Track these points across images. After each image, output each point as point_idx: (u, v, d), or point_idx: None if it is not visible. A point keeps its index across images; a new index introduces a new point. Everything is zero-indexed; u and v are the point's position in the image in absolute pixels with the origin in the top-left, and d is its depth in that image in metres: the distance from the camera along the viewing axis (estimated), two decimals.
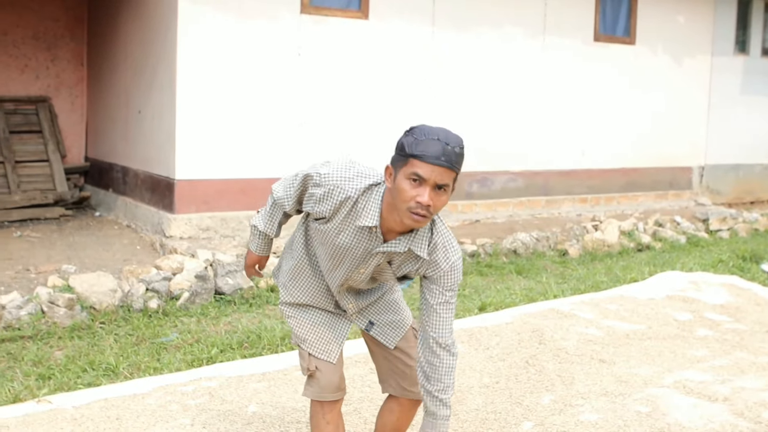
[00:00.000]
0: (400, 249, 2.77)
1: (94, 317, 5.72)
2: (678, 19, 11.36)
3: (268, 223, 3.11)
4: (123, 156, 9.03)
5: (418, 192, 2.57)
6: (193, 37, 7.47)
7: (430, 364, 2.86)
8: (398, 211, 2.65)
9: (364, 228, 2.77)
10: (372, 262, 2.83)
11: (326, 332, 3.07)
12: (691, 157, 11.80)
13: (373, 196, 2.76)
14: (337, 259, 2.88)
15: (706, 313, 6.23)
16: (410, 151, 2.58)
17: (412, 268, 2.86)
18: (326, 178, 2.78)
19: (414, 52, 8.74)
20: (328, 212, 2.78)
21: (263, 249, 3.19)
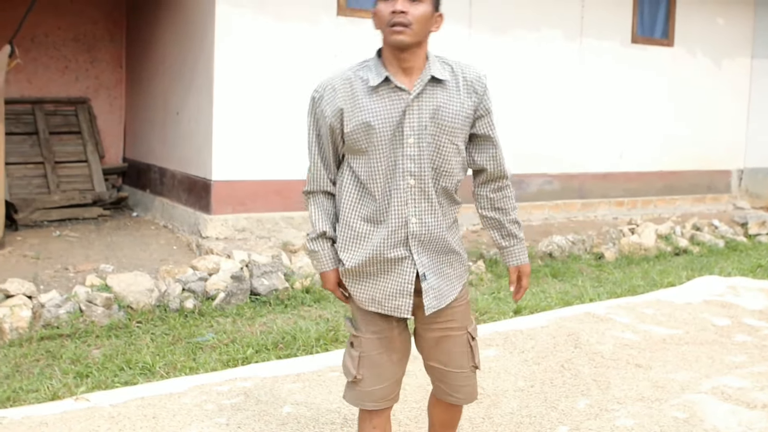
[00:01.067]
0: (424, 81, 2.71)
1: (131, 316, 5.77)
2: (717, 21, 11.24)
3: (318, 221, 2.88)
4: (160, 157, 9.11)
5: (390, 5, 2.63)
6: (230, 39, 7.52)
7: (503, 197, 2.98)
8: (384, 39, 2.69)
9: (380, 90, 2.71)
10: (412, 122, 2.70)
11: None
12: (729, 160, 11.66)
13: (370, 61, 2.80)
14: (381, 149, 2.71)
15: (745, 318, 6.16)
16: None
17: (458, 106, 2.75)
18: (322, 85, 2.81)
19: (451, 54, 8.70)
20: (340, 99, 2.73)
21: (330, 260, 2.89)
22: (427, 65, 2.74)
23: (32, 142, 9.51)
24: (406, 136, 2.70)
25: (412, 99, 2.69)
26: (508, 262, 3.02)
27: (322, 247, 2.86)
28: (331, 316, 5.99)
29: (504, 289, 6.97)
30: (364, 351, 2.86)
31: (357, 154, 2.75)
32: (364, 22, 8.20)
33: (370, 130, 2.70)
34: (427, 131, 2.70)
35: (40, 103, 9.82)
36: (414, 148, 2.71)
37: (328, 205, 2.89)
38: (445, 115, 2.73)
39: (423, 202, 2.75)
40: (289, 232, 7.78)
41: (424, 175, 2.73)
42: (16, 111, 9.49)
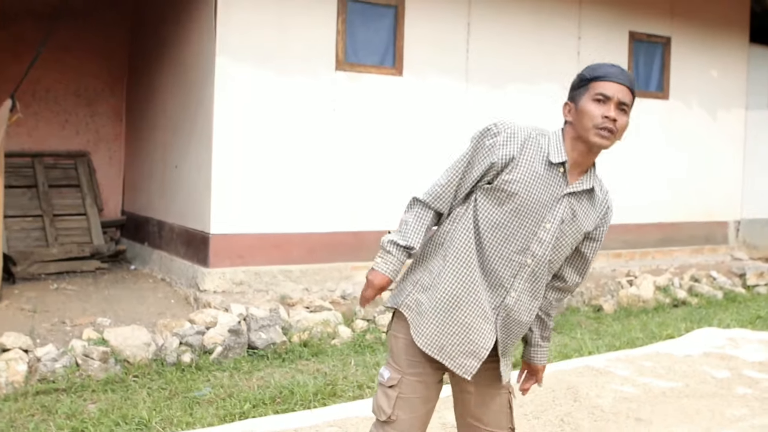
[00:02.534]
0: (585, 186, 2.79)
1: (128, 370, 5.74)
2: (711, 73, 11.36)
3: (410, 233, 2.84)
4: (159, 210, 9.13)
5: (603, 110, 2.70)
6: (229, 93, 7.59)
7: (558, 306, 3.05)
8: (583, 135, 2.73)
9: (550, 167, 2.75)
10: (558, 211, 2.75)
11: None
12: (726, 211, 11.69)
13: (555, 135, 2.82)
14: (520, 216, 2.74)
15: (745, 370, 6.13)
16: (591, 75, 2.75)
17: (590, 221, 2.84)
18: (504, 125, 2.80)
19: (448, 108, 8.80)
20: (516, 149, 2.74)
21: (396, 270, 2.85)
22: (591, 171, 2.84)
23: (31, 195, 9.54)
24: (546, 221, 2.75)
25: (567, 192, 2.77)
26: (536, 360, 3.10)
27: (397, 255, 2.83)
28: (329, 370, 5.96)
29: None
30: (403, 392, 2.83)
31: (495, 204, 2.76)
32: (362, 77, 8.28)
33: (525, 199, 2.73)
34: (564, 228, 2.78)
35: (40, 156, 9.87)
36: (548, 234, 2.75)
37: (429, 223, 2.86)
38: (582, 222, 2.82)
39: (528, 283, 2.78)
40: (287, 285, 7.77)
41: (542, 262, 2.78)
42: (16, 164, 9.54)
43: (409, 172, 8.52)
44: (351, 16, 8.20)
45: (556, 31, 9.71)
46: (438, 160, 8.51)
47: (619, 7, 10.28)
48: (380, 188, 8.41)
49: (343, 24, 8.13)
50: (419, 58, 8.63)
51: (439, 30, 8.77)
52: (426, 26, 8.65)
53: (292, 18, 7.87)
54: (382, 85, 8.43)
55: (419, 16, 8.60)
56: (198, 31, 7.99)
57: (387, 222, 8.35)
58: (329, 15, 8.06)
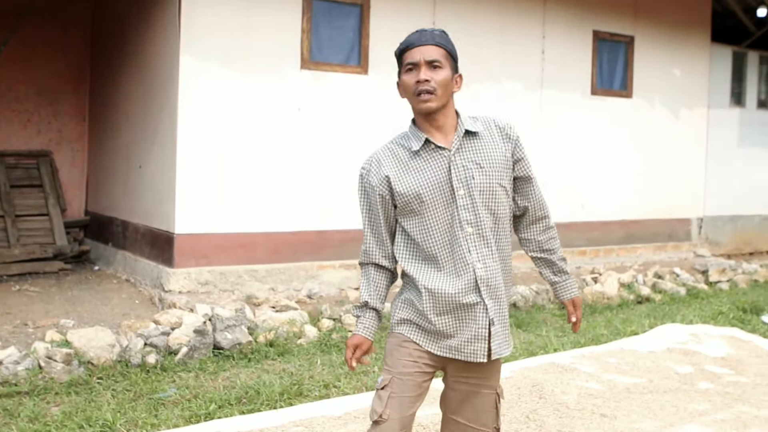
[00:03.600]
0: (460, 135, 2.87)
1: (92, 372, 5.68)
2: (674, 72, 11.49)
3: (366, 292, 3.02)
4: (123, 210, 9.06)
5: (414, 76, 2.83)
6: (194, 92, 7.54)
7: (549, 238, 3.14)
8: (414, 108, 2.88)
9: (422, 153, 2.87)
10: (459, 174, 2.84)
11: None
12: (689, 208, 11.83)
13: (407, 130, 2.96)
14: (435, 206, 2.85)
15: (707, 365, 6.20)
16: (398, 51, 2.90)
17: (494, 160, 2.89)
18: (366, 161, 3.01)
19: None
20: (385, 167, 2.90)
21: (367, 328, 3.01)
22: (459, 122, 2.91)
23: None
24: (455, 189, 2.83)
25: (453, 154, 2.85)
26: (562, 297, 3.16)
27: (363, 315, 3.00)
28: (295, 369, 5.95)
29: None
30: (394, 391, 2.89)
31: (410, 216, 2.89)
32: (328, 76, 8.27)
33: (420, 191, 2.84)
34: (475, 180, 2.85)
35: (2, 156, 9.75)
36: (466, 198, 2.84)
37: (377, 277, 3.01)
38: (488, 160, 2.89)
39: (483, 247, 2.86)
40: (253, 285, 7.74)
41: (481, 222, 2.85)
42: None
43: None
44: (316, 14, 8.18)
45: (520, 30, 9.76)
46: None
47: (583, 6, 10.35)
48: (346, 187, 8.40)
49: (308, 23, 8.11)
50: (385, 56, 8.62)
51: (405, 29, 8.70)
52: (391, 25, 8.65)
53: (257, 17, 7.83)
54: (348, 84, 8.42)
55: (384, 15, 8.60)
56: (162, 30, 7.93)
57: (353, 221, 8.36)
58: (294, 14, 8.04)
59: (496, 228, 2.91)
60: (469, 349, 2.85)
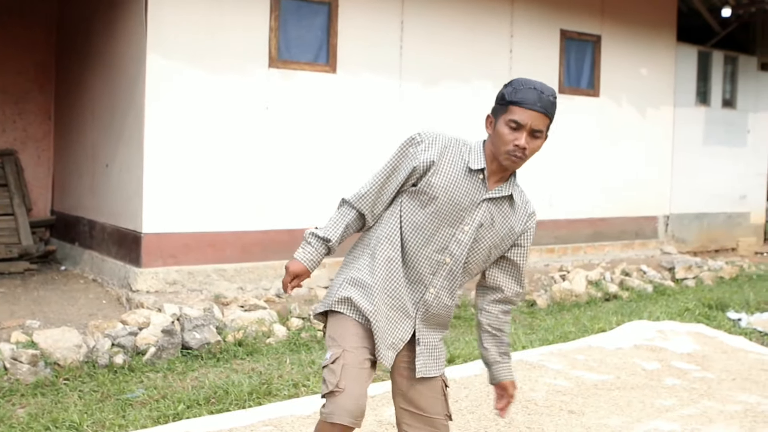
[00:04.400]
0: (504, 193, 2.94)
1: (59, 373, 5.63)
2: (640, 71, 11.59)
3: (331, 228, 3.03)
4: (90, 209, 8.97)
5: (516, 136, 2.83)
6: (161, 90, 7.49)
7: (507, 320, 3.14)
8: (497, 154, 2.89)
9: (470, 173, 2.92)
10: (477, 215, 2.92)
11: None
12: (656, 206, 11.94)
13: (475, 145, 2.99)
14: (440, 217, 2.91)
15: (674, 362, 6.26)
16: (509, 99, 2.86)
17: (509, 228, 2.99)
18: (426, 134, 2.98)
19: (382, 105, 8.82)
20: (436, 154, 2.91)
21: (312, 260, 3.03)
22: (511, 180, 2.99)
23: None
24: (464, 223, 2.91)
25: (486, 198, 2.92)
26: (503, 377, 3.15)
27: (316, 247, 3.01)
28: (264, 369, 5.93)
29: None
30: (347, 362, 2.85)
31: (416, 203, 2.94)
32: (296, 74, 8.25)
33: (441, 196, 2.90)
34: (481, 230, 2.93)
35: None
36: (466, 235, 2.92)
37: (352, 223, 3.03)
38: (502, 228, 2.98)
39: (445, 281, 2.95)
40: (221, 284, 7.71)
41: (459, 262, 2.94)
42: None
43: (344, 169, 8.52)
44: (284, 13, 8.16)
45: (488, 29, 9.80)
46: (372, 156, 8.54)
47: (551, 5, 10.41)
48: (315, 186, 8.39)
49: (276, 21, 8.08)
50: (353, 55, 8.63)
51: (373, 28, 8.79)
52: (360, 24, 8.65)
53: (225, 15, 7.80)
54: (316, 83, 8.40)
55: (353, 13, 8.60)
56: (129, 28, 7.87)
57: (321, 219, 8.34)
58: (262, 12, 8.01)
59: (463, 277, 3.00)
60: (383, 352, 2.90)
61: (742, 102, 13.53)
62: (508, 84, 2.92)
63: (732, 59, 13.32)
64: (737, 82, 13.44)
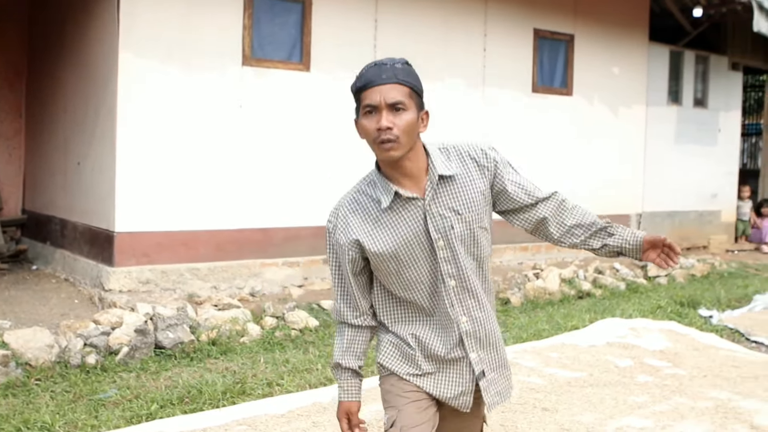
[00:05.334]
0: (434, 183, 2.55)
1: (30, 374, 5.58)
2: (613, 70, 11.66)
3: (342, 354, 2.75)
4: (61, 208, 8.90)
5: (375, 120, 2.46)
6: (133, 88, 7.44)
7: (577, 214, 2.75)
8: (376, 155, 2.53)
9: (394, 207, 2.56)
10: (436, 225, 2.55)
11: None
12: (629, 204, 12.02)
13: (373, 176, 2.63)
14: (410, 262, 2.59)
15: (646, 359, 6.31)
16: (355, 88, 2.53)
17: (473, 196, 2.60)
18: (332, 213, 2.68)
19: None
20: (358, 229, 2.60)
21: (351, 391, 2.76)
22: (430, 163, 2.59)
23: None
24: (434, 240, 2.56)
25: (427, 203, 2.56)
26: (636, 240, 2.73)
27: (340, 377, 2.76)
28: (238, 368, 5.91)
29: None
30: (405, 424, 2.65)
31: (387, 273, 2.63)
32: (269, 73, 8.23)
33: (397, 251, 2.57)
34: (455, 230, 2.57)
35: None
36: (446, 250, 2.58)
37: (351, 336, 2.75)
38: (466, 204, 2.60)
39: (468, 299, 2.63)
40: (195, 283, 7.67)
41: (463, 272, 2.60)
42: None
43: (317, 168, 8.51)
44: (257, 11, 8.13)
45: (462, 28, 9.82)
46: (346, 155, 8.53)
47: (524, 5, 10.45)
48: (289, 184, 8.37)
49: (250, 19, 8.05)
50: (327, 53, 8.62)
51: (347, 26, 8.78)
52: (333, 22, 8.64)
53: (198, 13, 7.76)
54: (290, 81, 8.38)
55: (326, 12, 8.58)
56: (101, 25, 7.81)
57: (297, 218, 8.34)
58: (236, 10, 7.98)
59: (480, 272, 2.67)
60: (456, 402, 2.70)
61: (713, 101, 13.65)
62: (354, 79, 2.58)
63: (703, 59, 13.44)
64: (708, 81, 13.56)
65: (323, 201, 8.40)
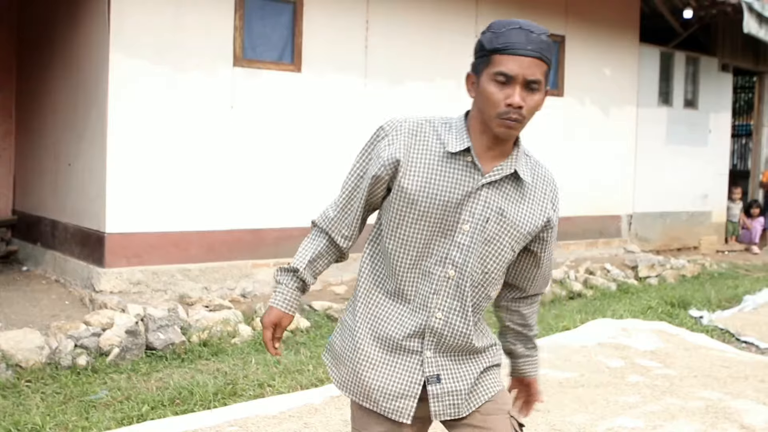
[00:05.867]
0: (506, 171, 2.27)
1: (20, 375, 5.56)
2: (604, 71, 11.69)
3: (298, 256, 2.44)
4: (52, 209, 8.87)
5: (506, 93, 2.16)
6: (124, 89, 7.42)
7: (533, 312, 2.63)
8: (486, 121, 2.22)
9: (452, 158, 2.25)
10: (476, 208, 2.25)
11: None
12: (620, 205, 12.05)
13: (455, 121, 2.32)
14: (429, 223, 2.26)
15: (637, 359, 6.33)
16: (491, 46, 2.18)
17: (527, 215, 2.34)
18: (391, 124, 2.33)
19: (347, 103, 8.81)
20: (402, 148, 2.26)
21: (286, 300, 2.44)
22: (515, 152, 2.34)
23: None
24: (462, 221, 2.25)
25: (483, 183, 2.26)
26: (527, 373, 2.70)
27: (286, 283, 2.43)
28: (229, 369, 5.90)
29: None
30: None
31: (396, 215, 2.30)
32: (261, 73, 8.22)
33: (420, 198, 2.25)
34: (489, 226, 2.27)
35: None
36: (467, 236, 2.26)
37: (323, 248, 2.44)
38: (515, 218, 2.31)
39: (455, 299, 2.31)
40: (186, 284, 7.66)
41: (467, 271, 2.29)
42: None
43: (309, 168, 8.50)
44: (249, 12, 8.12)
45: (453, 28, 9.83)
46: (337, 156, 8.53)
47: (516, 6, 10.46)
48: (280, 185, 8.37)
49: (241, 20, 8.05)
50: (318, 54, 8.61)
51: (338, 26, 8.78)
52: (325, 22, 8.64)
53: (189, 14, 7.74)
54: (281, 81, 8.38)
55: (318, 12, 8.58)
56: (91, 26, 7.79)
57: (288, 219, 8.33)
58: (227, 11, 7.97)
59: (481, 287, 2.35)
60: (389, 404, 2.33)
61: (703, 102, 13.70)
62: (487, 28, 2.26)
63: (694, 60, 13.48)
64: (699, 82, 13.61)
65: (315, 201, 8.39)
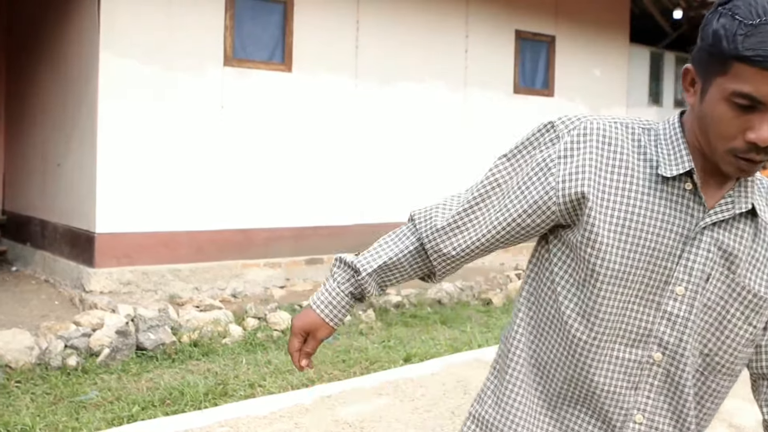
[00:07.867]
0: (740, 206, 1.53)
1: (10, 376, 5.54)
2: (594, 72, 11.72)
3: (372, 252, 1.78)
4: (41, 209, 8.85)
5: (748, 123, 1.40)
6: (114, 89, 7.41)
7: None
8: (708, 150, 1.49)
9: (665, 187, 1.54)
10: (696, 261, 1.53)
11: None
12: None
13: (663, 129, 1.59)
14: (624, 284, 1.53)
15: None
16: (732, 47, 1.37)
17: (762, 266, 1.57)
18: (574, 120, 1.68)
19: (337, 104, 8.82)
20: (591, 169, 1.54)
21: (332, 306, 1.79)
22: (746, 186, 1.56)
23: None
24: (675, 280, 1.54)
25: (706, 225, 1.53)
26: None
27: (339, 282, 1.79)
28: (220, 369, 5.90)
29: (393, 337, 7.00)
30: None
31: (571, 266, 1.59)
32: (251, 73, 8.22)
33: (619, 249, 1.52)
34: (713, 286, 1.55)
35: None
36: (682, 304, 1.54)
37: (407, 254, 1.76)
38: (751, 274, 1.57)
39: (665, 395, 1.59)
40: (176, 284, 7.65)
41: (682, 354, 1.56)
42: None
43: (298, 168, 8.50)
44: (239, 11, 8.12)
45: (444, 29, 9.84)
46: (327, 155, 8.54)
47: (506, 6, 10.49)
48: (270, 185, 8.36)
49: (231, 20, 8.04)
50: (309, 54, 8.61)
51: (329, 27, 8.78)
52: (315, 23, 8.64)
53: (179, 14, 7.74)
54: (272, 81, 8.37)
55: (308, 12, 8.58)
56: (81, 26, 7.78)
57: (278, 219, 8.33)
58: (217, 11, 7.97)
59: (708, 381, 1.61)
60: None
61: None
62: (723, 11, 1.40)
63: (683, 60, 13.54)
64: None
65: (305, 202, 8.40)
